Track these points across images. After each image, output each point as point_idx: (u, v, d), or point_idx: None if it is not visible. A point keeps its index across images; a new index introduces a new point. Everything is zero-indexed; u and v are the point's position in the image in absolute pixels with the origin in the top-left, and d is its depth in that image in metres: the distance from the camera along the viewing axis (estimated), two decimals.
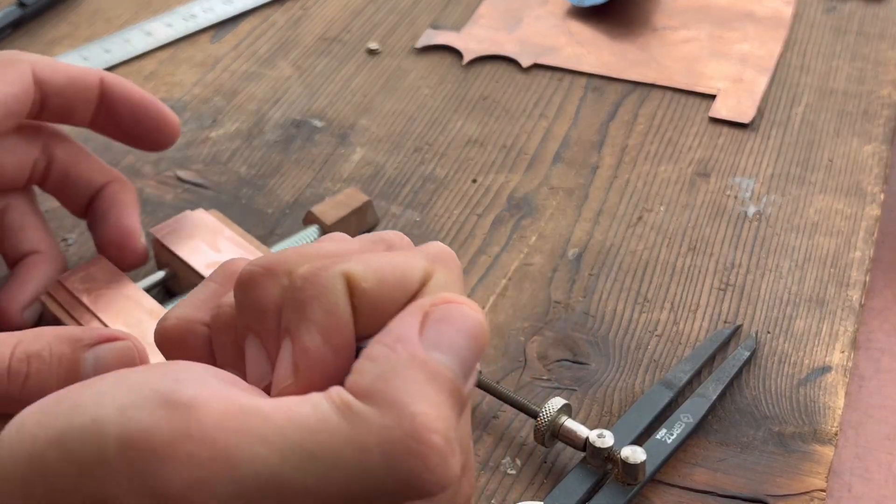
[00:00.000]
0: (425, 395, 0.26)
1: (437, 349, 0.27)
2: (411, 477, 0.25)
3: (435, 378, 0.26)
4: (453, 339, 0.27)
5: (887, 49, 0.66)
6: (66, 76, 0.47)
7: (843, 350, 0.48)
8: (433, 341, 0.27)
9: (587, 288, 0.51)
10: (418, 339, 0.27)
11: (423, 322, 0.27)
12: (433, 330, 0.27)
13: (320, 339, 0.28)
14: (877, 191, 0.56)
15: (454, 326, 0.27)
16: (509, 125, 0.61)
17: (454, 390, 0.27)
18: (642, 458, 0.41)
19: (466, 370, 0.27)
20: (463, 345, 0.27)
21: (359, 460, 0.25)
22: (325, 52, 0.67)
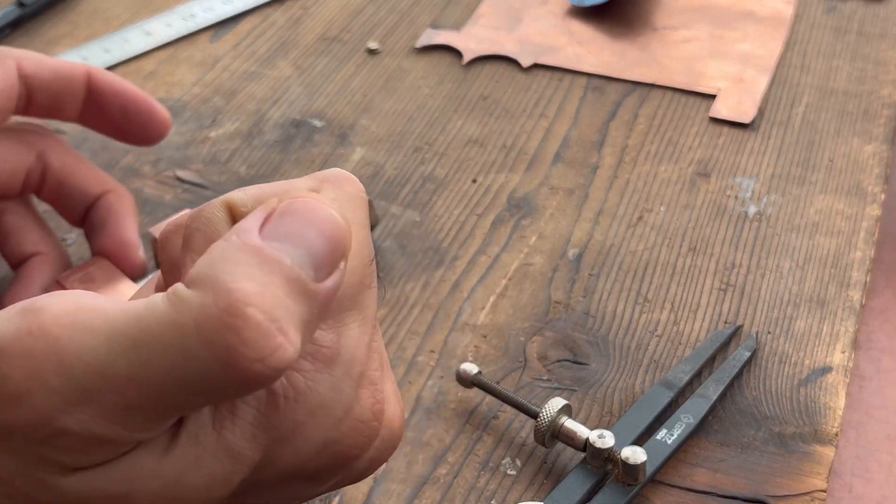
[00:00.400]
0: (250, 275, 0.25)
1: (276, 239, 0.26)
2: (229, 354, 0.24)
3: (266, 262, 0.25)
4: (297, 230, 0.26)
5: (888, 49, 0.66)
6: (52, 70, 0.47)
7: (843, 350, 0.48)
8: (273, 233, 0.26)
9: (587, 288, 0.51)
10: (256, 231, 0.26)
11: (267, 217, 0.27)
12: (275, 223, 0.27)
13: None
14: (877, 191, 0.56)
15: (300, 219, 0.27)
16: (509, 125, 0.61)
17: (293, 278, 0.26)
18: (643, 458, 0.41)
19: (317, 262, 0.26)
20: (310, 237, 0.26)
21: (178, 342, 0.24)
22: (325, 51, 0.67)
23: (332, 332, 0.29)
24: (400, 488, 0.42)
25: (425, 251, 0.53)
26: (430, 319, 0.49)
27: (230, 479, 0.28)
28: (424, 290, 0.51)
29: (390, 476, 0.43)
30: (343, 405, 0.29)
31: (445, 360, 0.47)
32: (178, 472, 0.27)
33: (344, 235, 0.27)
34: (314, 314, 0.26)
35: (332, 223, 0.27)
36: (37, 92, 0.47)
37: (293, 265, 0.26)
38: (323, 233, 0.27)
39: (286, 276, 0.26)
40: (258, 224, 0.27)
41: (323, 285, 0.26)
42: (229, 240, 0.26)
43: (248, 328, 0.24)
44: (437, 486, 0.43)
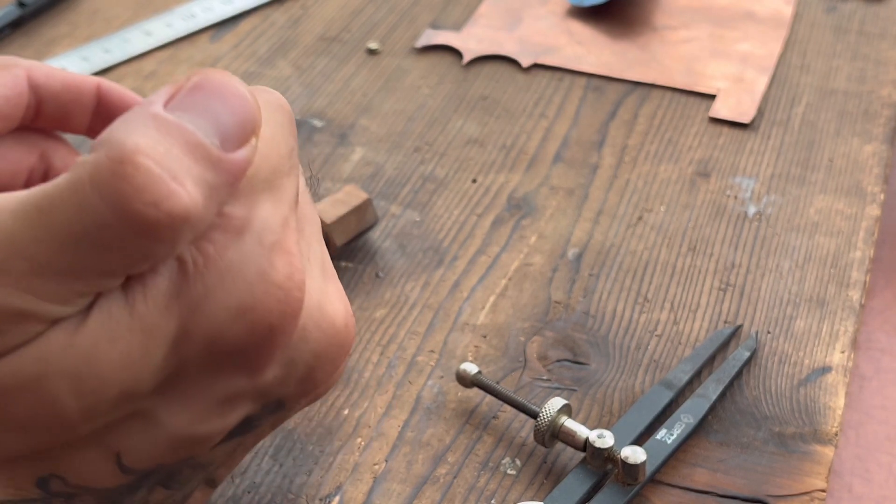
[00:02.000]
0: (145, 133, 0.25)
1: (181, 110, 0.26)
2: (121, 200, 0.25)
3: (164, 125, 0.26)
4: (203, 103, 0.27)
5: (888, 49, 0.66)
6: (62, 81, 0.48)
7: (843, 350, 0.48)
8: (178, 105, 0.27)
9: (587, 288, 0.51)
10: (161, 103, 0.26)
11: (174, 93, 0.27)
12: (182, 97, 0.27)
13: None
14: (877, 191, 0.56)
15: (206, 93, 0.27)
16: (509, 125, 0.61)
17: (193, 141, 0.26)
18: (642, 458, 0.41)
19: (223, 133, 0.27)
20: (215, 108, 0.27)
21: (75, 198, 0.25)
22: (325, 51, 0.67)
23: (243, 206, 0.28)
24: (400, 488, 0.42)
25: (425, 251, 0.53)
26: (430, 319, 0.49)
27: (148, 356, 0.27)
28: (424, 290, 0.51)
29: (390, 476, 0.43)
30: (254, 270, 0.28)
31: (445, 360, 0.48)
32: (90, 345, 0.27)
33: (251, 110, 0.27)
34: (220, 181, 0.27)
35: (240, 97, 0.27)
36: (46, 102, 0.47)
37: (194, 130, 0.26)
38: (229, 105, 0.27)
39: (185, 138, 0.26)
40: (164, 98, 0.27)
41: (231, 155, 0.27)
42: (133, 110, 0.27)
43: (139, 174, 0.25)
44: (437, 486, 0.43)
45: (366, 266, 0.52)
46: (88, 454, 0.29)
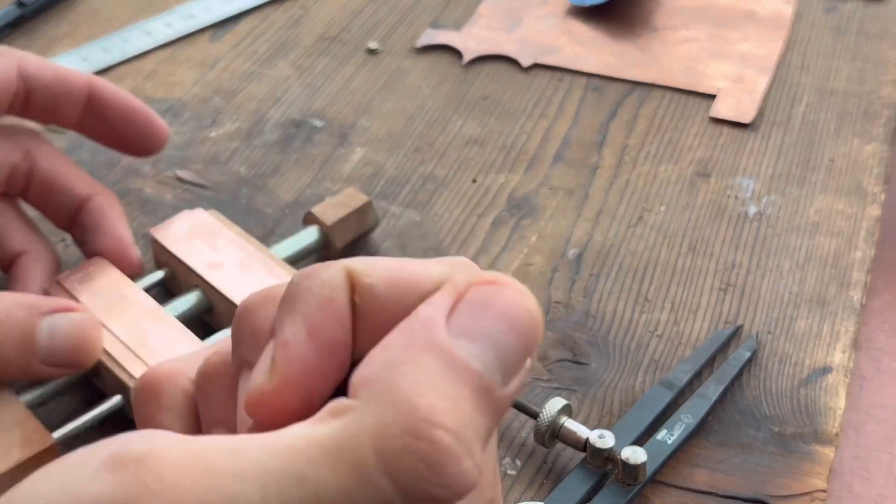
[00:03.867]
0: (436, 385, 0.22)
1: (466, 336, 0.23)
2: (415, 482, 0.21)
3: (454, 368, 0.22)
4: (490, 325, 0.23)
5: (888, 49, 0.66)
6: (54, 74, 0.48)
7: (844, 350, 0.48)
8: (462, 326, 0.23)
9: (587, 288, 0.51)
10: (444, 323, 0.23)
11: (454, 304, 0.23)
12: (465, 314, 0.23)
13: (304, 332, 0.24)
14: (878, 191, 0.56)
15: (493, 311, 0.23)
16: (509, 125, 0.61)
17: (482, 387, 0.22)
18: (643, 458, 0.41)
19: (506, 366, 0.23)
20: (502, 334, 0.23)
21: (353, 468, 0.21)
22: (325, 51, 0.67)
23: None
24: None
25: (425, 251, 0.53)
26: None
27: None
28: None
29: None
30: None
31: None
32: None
33: (537, 333, 0.24)
34: (495, 424, 0.23)
35: (530, 320, 0.24)
36: (36, 92, 0.47)
37: (483, 371, 0.23)
38: (516, 328, 0.23)
39: (475, 385, 0.22)
40: (443, 313, 0.23)
41: (507, 390, 0.23)
42: (411, 331, 0.23)
43: (437, 453, 0.21)
44: None
45: None
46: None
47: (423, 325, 0.23)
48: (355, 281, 0.25)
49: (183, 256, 0.48)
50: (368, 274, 0.25)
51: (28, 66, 0.47)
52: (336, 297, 0.24)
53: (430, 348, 0.22)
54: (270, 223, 0.55)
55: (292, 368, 0.24)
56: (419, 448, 0.21)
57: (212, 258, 0.48)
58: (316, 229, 0.51)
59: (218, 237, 0.49)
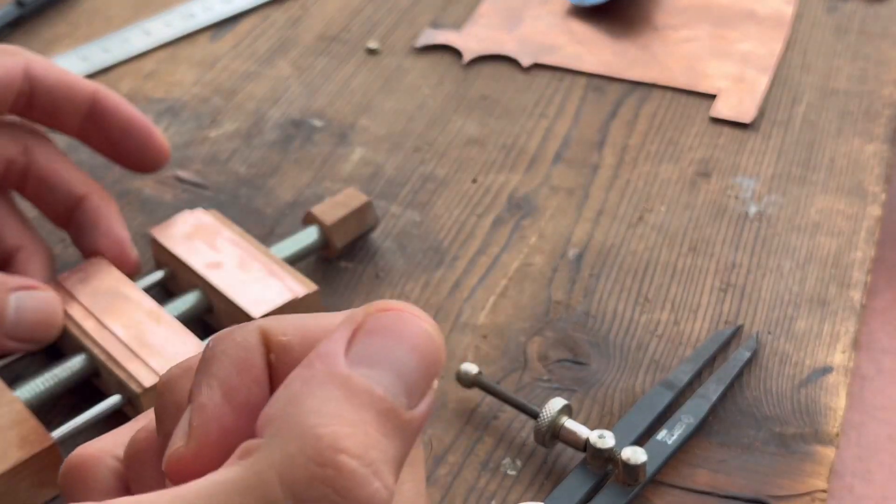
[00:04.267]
0: (338, 413, 0.22)
1: (365, 364, 0.23)
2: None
3: (356, 395, 0.22)
4: (388, 350, 0.23)
5: (889, 48, 0.66)
6: (59, 78, 0.48)
7: (844, 350, 0.48)
8: (361, 355, 0.23)
9: (587, 288, 0.51)
10: (343, 354, 0.23)
11: (352, 335, 0.24)
12: (363, 343, 0.23)
13: (220, 394, 0.24)
14: (878, 190, 0.56)
15: (390, 336, 0.23)
16: (509, 125, 0.61)
17: (386, 410, 0.23)
18: (643, 458, 0.41)
19: (410, 388, 0.23)
20: (402, 357, 0.23)
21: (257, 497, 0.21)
22: (325, 51, 0.67)
23: None
24: None
25: (425, 251, 0.53)
26: None
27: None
28: (424, 290, 0.51)
29: None
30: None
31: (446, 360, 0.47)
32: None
33: (438, 352, 0.24)
34: (406, 447, 0.23)
35: (427, 338, 0.24)
36: (40, 94, 0.47)
37: (385, 395, 0.23)
38: (417, 350, 0.24)
39: (378, 409, 0.23)
40: (342, 346, 0.23)
41: (415, 413, 0.23)
42: (312, 367, 0.23)
43: (343, 478, 0.21)
44: (437, 486, 0.42)
45: (366, 266, 0.52)
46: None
47: (322, 359, 0.23)
48: (269, 340, 0.25)
49: (183, 256, 0.48)
50: (284, 332, 0.25)
51: (35, 68, 0.47)
52: (251, 357, 0.25)
53: (330, 379, 0.22)
54: (270, 223, 0.55)
55: (209, 430, 0.24)
56: (325, 475, 0.21)
57: (211, 258, 0.48)
58: (316, 229, 0.51)
59: (218, 237, 0.49)
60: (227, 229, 0.49)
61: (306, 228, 0.51)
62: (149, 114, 0.62)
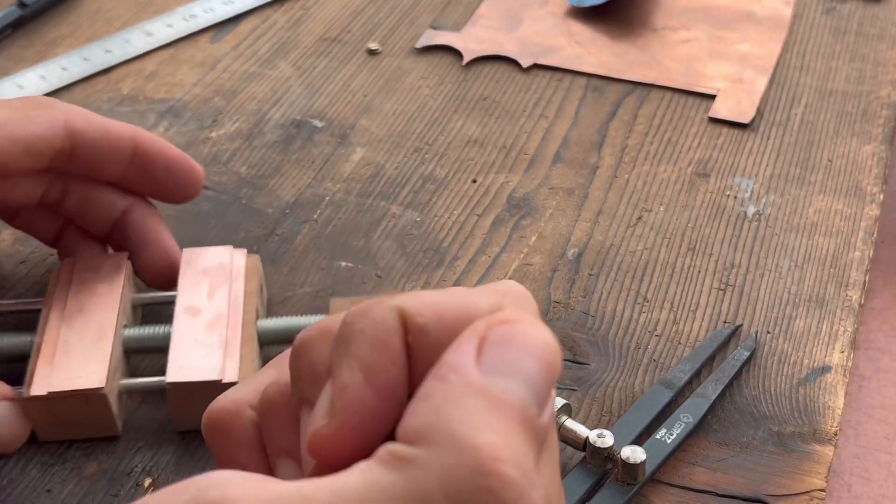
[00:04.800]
0: (488, 424, 0.22)
1: (498, 374, 0.24)
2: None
3: (498, 406, 0.23)
4: (516, 362, 0.24)
5: (886, 49, 0.66)
6: (101, 130, 0.47)
7: (842, 350, 0.48)
8: (492, 366, 0.24)
9: (587, 288, 0.51)
10: (474, 366, 0.24)
11: (479, 347, 0.24)
12: (491, 354, 0.24)
13: (360, 375, 0.25)
14: (876, 191, 0.56)
15: (516, 348, 0.24)
16: (509, 125, 0.61)
17: (525, 419, 0.23)
18: (642, 457, 0.41)
19: (539, 396, 0.24)
20: (530, 368, 0.24)
21: None
22: (326, 52, 0.67)
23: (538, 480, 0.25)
24: None
25: (425, 251, 0.53)
26: None
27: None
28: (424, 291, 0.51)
29: None
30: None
31: None
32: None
33: (558, 361, 0.25)
34: (539, 453, 0.24)
35: (549, 350, 0.25)
36: (82, 148, 0.46)
37: (522, 403, 0.24)
38: (542, 362, 0.24)
39: (520, 419, 0.23)
40: (472, 357, 0.24)
41: (543, 419, 0.24)
42: (447, 380, 0.24)
43: (507, 488, 0.22)
44: None
45: (366, 266, 0.52)
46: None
47: (456, 371, 0.24)
48: (407, 321, 0.25)
49: (179, 289, 0.47)
50: (420, 313, 0.25)
51: (74, 122, 0.46)
52: (390, 338, 0.25)
53: (469, 391, 0.23)
54: (271, 223, 0.55)
55: (351, 412, 0.25)
56: (490, 486, 0.22)
57: (197, 303, 0.46)
58: None
59: (225, 285, 0.47)
60: (242, 281, 0.47)
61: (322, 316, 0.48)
62: (150, 114, 0.62)
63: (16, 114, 0.45)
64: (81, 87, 0.64)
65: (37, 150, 0.45)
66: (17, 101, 0.46)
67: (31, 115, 0.45)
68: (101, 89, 0.64)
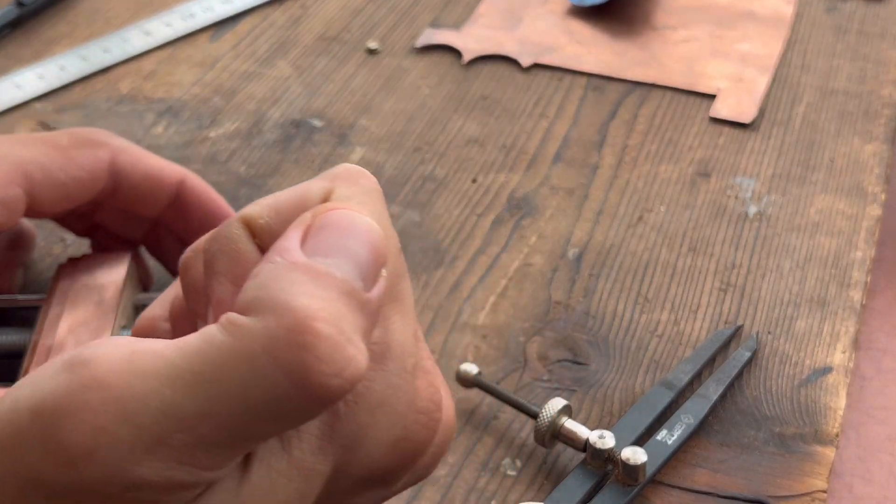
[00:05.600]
0: (307, 291, 0.25)
1: (320, 254, 0.26)
2: (305, 372, 0.24)
3: (318, 277, 0.25)
4: (338, 242, 0.26)
5: (888, 48, 0.66)
6: (145, 173, 0.46)
7: (844, 350, 0.48)
8: (315, 248, 0.26)
9: (587, 288, 0.51)
10: (298, 248, 0.26)
11: (305, 233, 0.27)
12: (314, 238, 0.26)
13: (231, 286, 0.28)
14: (878, 190, 0.56)
15: (338, 231, 0.27)
16: (509, 125, 0.61)
17: (347, 290, 0.25)
18: (643, 459, 0.41)
19: (364, 272, 0.26)
20: (351, 247, 0.26)
21: (248, 369, 0.24)
22: (325, 51, 0.67)
23: (378, 328, 0.28)
24: None
25: (425, 251, 0.53)
26: (430, 320, 0.49)
27: (306, 498, 0.27)
28: (424, 291, 0.51)
29: None
30: (403, 399, 0.28)
31: (445, 360, 0.47)
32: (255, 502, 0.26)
33: (381, 242, 0.27)
34: (369, 324, 0.26)
35: (371, 232, 0.27)
36: (124, 189, 0.46)
37: (343, 277, 0.26)
38: (364, 242, 0.27)
39: (341, 289, 0.25)
40: (298, 241, 0.26)
41: (372, 294, 0.26)
42: (273, 261, 0.26)
43: (322, 344, 0.24)
44: (436, 486, 0.43)
45: None
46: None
47: (281, 254, 0.26)
48: (252, 226, 0.28)
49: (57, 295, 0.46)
50: (261, 215, 0.28)
51: (122, 162, 0.46)
52: (242, 247, 0.28)
53: (293, 268, 0.25)
54: None
55: None
56: (305, 341, 0.24)
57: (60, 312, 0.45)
58: None
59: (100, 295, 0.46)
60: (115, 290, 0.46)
61: None
62: (148, 114, 0.62)
63: (58, 155, 0.44)
64: (80, 87, 0.64)
65: (76, 195, 0.45)
66: (64, 137, 0.45)
67: (75, 155, 0.44)
68: (99, 89, 0.64)
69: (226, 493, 0.26)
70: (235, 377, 0.24)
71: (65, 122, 0.61)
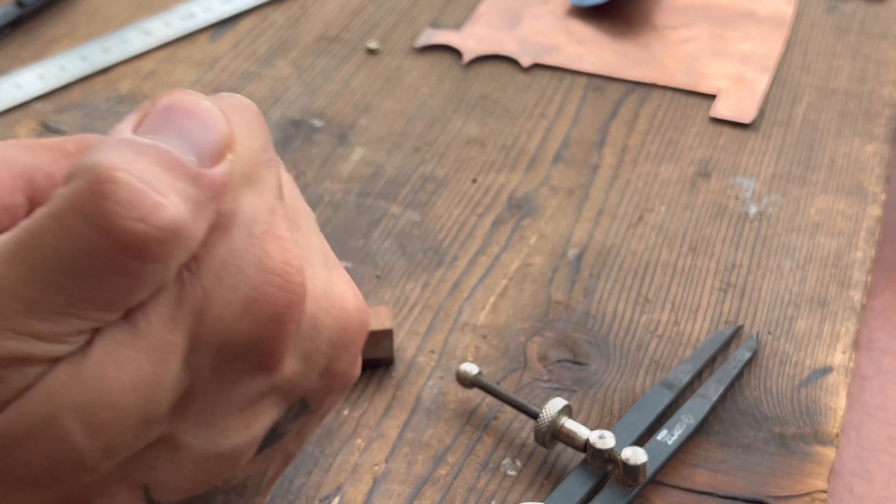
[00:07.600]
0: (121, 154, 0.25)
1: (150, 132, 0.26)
2: (106, 219, 0.24)
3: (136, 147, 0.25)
4: (174, 122, 0.26)
5: (889, 48, 0.66)
6: None
7: (844, 351, 0.48)
8: (148, 129, 0.26)
9: (587, 288, 0.51)
10: (129, 130, 0.26)
11: (141, 119, 0.27)
12: (150, 121, 0.26)
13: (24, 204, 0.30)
14: (878, 191, 0.56)
15: (174, 112, 0.26)
16: (509, 125, 0.61)
17: (168, 158, 0.25)
18: (643, 459, 0.41)
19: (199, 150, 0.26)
20: (187, 125, 0.26)
21: (59, 228, 0.24)
22: (325, 51, 0.67)
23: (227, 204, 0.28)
24: (400, 489, 0.42)
25: (425, 251, 0.53)
26: (430, 320, 0.49)
27: (160, 375, 0.26)
28: (424, 291, 0.51)
29: (390, 477, 0.43)
30: (249, 261, 0.28)
31: (445, 360, 0.47)
32: (98, 375, 0.26)
33: (222, 125, 0.27)
34: (204, 197, 0.26)
35: (210, 113, 0.27)
36: None
37: (169, 149, 0.26)
38: (199, 123, 0.27)
39: (161, 156, 0.25)
40: (132, 124, 0.26)
41: (210, 171, 0.26)
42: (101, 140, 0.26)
43: (120, 190, 0.24)
44: (437, 486, 0.42)
45: (366, 266, 0.52)
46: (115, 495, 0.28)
47: (112, 134, 0.26)
48: None
49: None
50: None
51: None
52: None
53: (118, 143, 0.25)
54: None
55: None
56: (104, 189, 0.24)
57: None
58: None
59: None
60: None
61: None
62: None
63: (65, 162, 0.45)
64: (80, 87, 0.64)
65: None
66: (71, 143, 0.45)
67: None
68: (99, 89, 0.64)
69: (70, 365, 0.26)
70: (50, 239, 0.25)
71: (65, 121, 0.61)
